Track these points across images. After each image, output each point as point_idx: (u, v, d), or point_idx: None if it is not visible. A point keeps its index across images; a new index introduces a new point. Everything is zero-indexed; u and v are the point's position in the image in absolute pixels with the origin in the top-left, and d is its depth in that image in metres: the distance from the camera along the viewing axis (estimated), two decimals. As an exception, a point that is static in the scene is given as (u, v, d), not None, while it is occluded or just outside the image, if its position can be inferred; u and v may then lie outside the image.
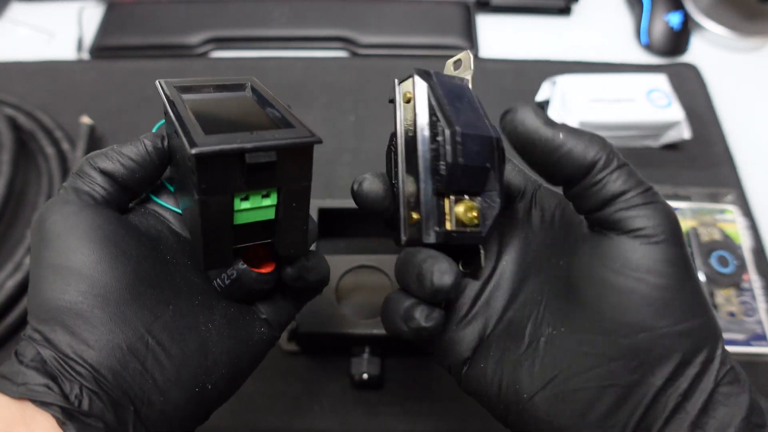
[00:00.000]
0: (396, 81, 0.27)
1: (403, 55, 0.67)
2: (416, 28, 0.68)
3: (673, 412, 0.22)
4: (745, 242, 0.51)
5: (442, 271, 0.23)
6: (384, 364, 0.46)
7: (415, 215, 0.25)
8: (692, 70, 0.65)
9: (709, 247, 0.49)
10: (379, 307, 0.28)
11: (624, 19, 0.72)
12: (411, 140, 0.25)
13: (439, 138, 0.24)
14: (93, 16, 0.70)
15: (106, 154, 0.26)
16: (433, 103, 0.25)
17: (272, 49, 0.68)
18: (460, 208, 0.25)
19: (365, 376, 0.44)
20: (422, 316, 0.24)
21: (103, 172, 0.26)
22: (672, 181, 0.56)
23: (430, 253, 0.24)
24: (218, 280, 0.28)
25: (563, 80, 0.58)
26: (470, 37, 0.68)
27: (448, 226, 0.25)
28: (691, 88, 0.63)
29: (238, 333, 0.27)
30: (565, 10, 0.71)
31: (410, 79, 0.26)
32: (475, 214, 0.25)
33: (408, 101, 0.26)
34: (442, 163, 0.24)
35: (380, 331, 0.43)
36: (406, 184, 0.25)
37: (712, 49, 0.68)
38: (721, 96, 0.63)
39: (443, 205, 0.25)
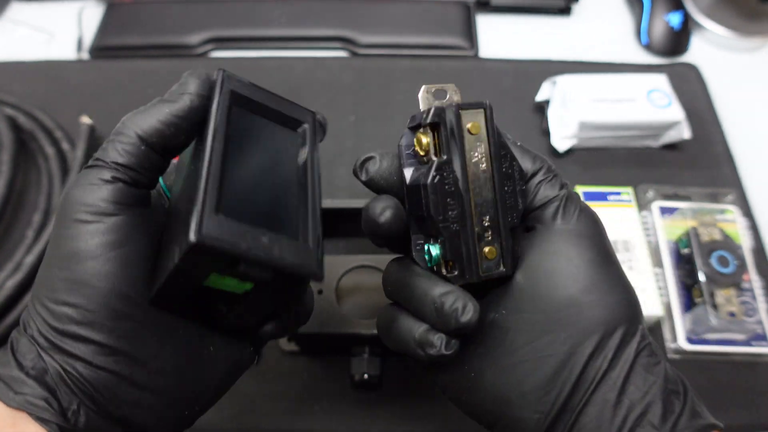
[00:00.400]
0: (446, 106, 0.26)
1: (403, 55, 0.67)
2: (416, 28, 0.68)
3: (600, 379, 0.24)
4: (745, 242, 0.51)
5: (468, 310, 0.24)
6: (384, 364, 0.46)
7: (489, 250, 0.26)
8: (692, 70, 0.65)
9: (710, 247, 0.49)
10: (380, 307, 0.28)
11: (624, 19, 0.72)
12: (483, 175, 0.25)
13: (518, 178, 0.26)
14: (93, 16, 0.70)
15: (148, 112, 0.24)
16: (507, 139, 0.27)
17: (272, 49, 0.68)
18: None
19: (365, 376, 0.44)
20: (443, 345, 0.25)
21: (142, 138, 0.24)
22: (672, 181, 0.56)
23: (449, 289, 0.25)
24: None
25: (563, 80, 0.58)
26: (470, 37, 0.68)
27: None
28: (691, 88, 0.63)
29: (233, 356, 0.27)
30: (565, 10, 0.71)
31: (479, 110, 0.26)
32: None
33: (473, 134, 0.25)
34: (520, 200, 0.26)
35: (380, 331, 0.43)
36: (477, 218, 0.25)
37: (713, 49, 0.68)
38: (721, 96, 0.63)
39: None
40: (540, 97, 0.60)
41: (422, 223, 0.26)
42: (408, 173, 0.27)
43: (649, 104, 0.56)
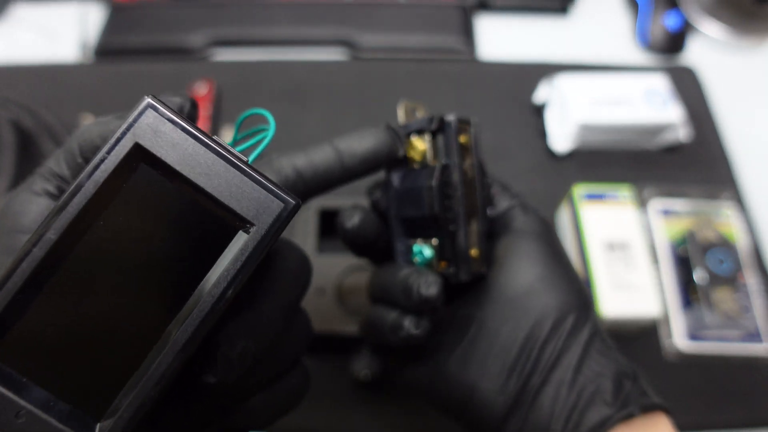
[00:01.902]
0: (452, 118, 0.27)
1: (402, 57, 0.67)
2: (415, 31, 0.69)
3: (555, 360, 0.27)
4: (741, 242, 0.51)
5: (428, 283, 0.26)
6: (384, 364, 0.46)
7: (474, 251, 0.27)
8: (690, 71, 0.65)
9: (706, 246, 0.49)
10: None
11: (622, 19, 0.72)
12: (469, 183, 0.27)
13: (489, 183, 0.29)
14: (96, 18, 0.70)
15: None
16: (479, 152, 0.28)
17: (274, 51, 0.68)
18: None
19: (365, 376, 0.44)
20: (412, 325, 0.27)
21: (81, 150, 0.22)
22: (669, 182, 0.56)
23: (414, 269, 0.27)
24: None
25: (561, 81, 0.58)
26: (469, 40, 0.68)
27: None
28: (689, 89, 0.63)
29: None
30: (561, 9, 0.71)
31: (468, 126, 0.28)
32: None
33: (465, 147, 0.27)
34: (489, 208, 0.29)
35: (380, 330, 0.43)
36: (468, 224, 0.27)
37: (710, 50, 0.69)
38: (718, 97, 0.64)
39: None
40: (538, 98, 0.61)
41: (414, 226, 0.28)
42: (396, 178, 0.28)
43: (647, 105, 0.56)
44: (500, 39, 0.70)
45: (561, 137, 0.57)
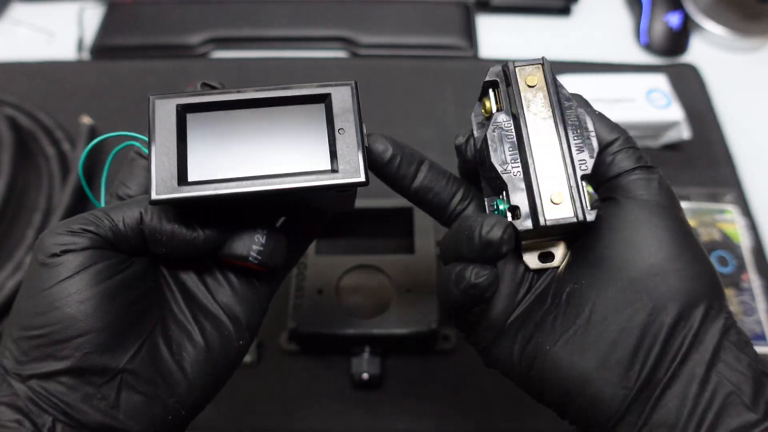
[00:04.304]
0: (511, 65, 0.26)
1: (403, 55, 0.67)
2: (416, 29, 0.68)
3: (686, 353, 0.23)
4: (744, 242, 0.51)
5: (491, 224, 0.23)
6: (384, 364, 0.46)
7: (557, 194, 0.25)
8: (692, 71, 0.65)
9: (709, 247, 0.49)
10: (380, 306, 0.28)
11: (623, 19, 0.72)
12: (544, 123, 0.26)
13: (590, 129, 0.25)
14: (93, 17, 0.70)
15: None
16: (583, 103, 0.26)
17: (272, 49, 0.68)
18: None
19: (365, 376, 0.44)
20: (472, 274, 0.24)
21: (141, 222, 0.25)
22: (672, 181, 0.54)
23: (479, 214, 0.25)
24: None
25: (563, 80, 0.58)
26: (470, 38, 0.68)
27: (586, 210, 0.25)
28: (690, 88, 0.63)
29: (216, 354, 0.27)
30: (564, 10, 0.71)
31: (537, 65, 0.26)
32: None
33: (531, 86, 0.26)
34: (588, 150, 0.25)
35: (380, 331, 0.43)
36: (541, 164, 0.25)
37: (712, 50, 0.68)
38: (720, 96, 0.63)
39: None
40: (540, 97, 0.60)
41: (490, 181, 0.27)
42: (478, 138, 0.28)
43: (648, 104, 0.56)
44: (501, 39, 0.69)
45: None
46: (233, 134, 0.25)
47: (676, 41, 0.67)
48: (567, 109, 0.26)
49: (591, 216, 0.25)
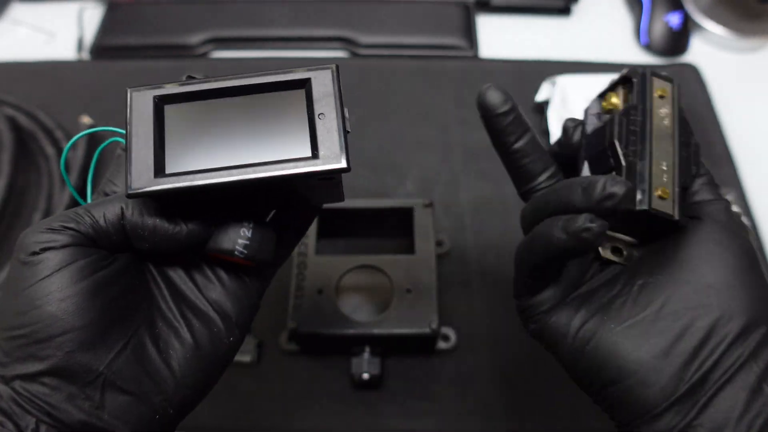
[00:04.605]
0: (649, 72, 0.29)
1: (403, 55, 0.67)
2: (416, 29, 0.68)
3: (742, 365, 0.25)
4: (744, 242, 0.51)
5: (615, 180, 0.25)
6: (384, 364, 0.46)
7: (663, 190, 0.27)
8: (692, 70, 0.65)
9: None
10: (380, 307, 0.28)
11: (624, 19, 0.72)
12: (665, 130, 0.28)
13: (692, 149, 0.29)
14: (93, 17, 0.70)
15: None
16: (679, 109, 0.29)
17: (272, 49, 0.68)
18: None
19: (365, 376, 0.44)
20: (586, 219, 0.24)
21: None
22: (672, 181, 0.56)
23: (598, 176, 0.26)
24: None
25: (563, 80, 0.58)
26: (470, 38, 0.68)
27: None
28: (691, 88, 0.63)
29: (205, 352, 0.27)
30: (564, 10, 0.71)
31: (668, 83, 0.29)
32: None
33: (662, 97, 0.29)
34: (694, 167, 0.29)
35: (380, 331, 0.43)
36: (656, 159, 0.28)
37: (712, 50, 0.68)
38: (721, 96, 0.63)
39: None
40: (540, 97, 0.60)
41: (598, 161, 0.29)
42: (590, 127, 0.30)
43: (648, 104, 0.56)
44: (502, 39, 0.69)
45: (562, 136, 0.57)
46: (213, 124, 0.24)
47: (677, 41, 0.67)
48: (685, 126, 0.29)
49: (684, 221, 0.28)
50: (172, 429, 0.27)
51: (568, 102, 0.56)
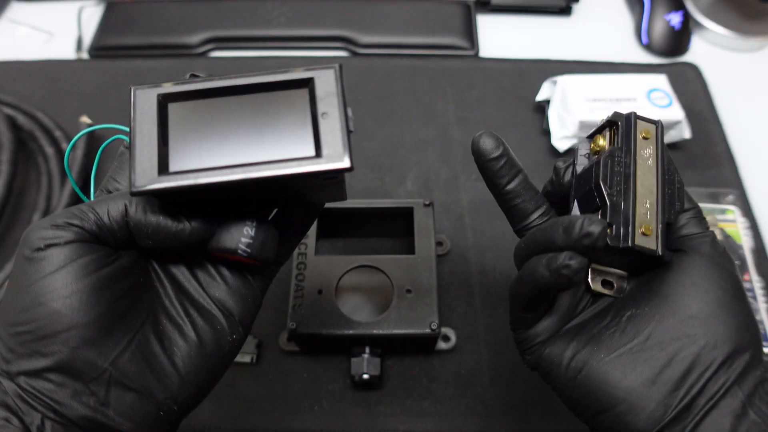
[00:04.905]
0: (633, 116, 0.30)
1: (403, 54, 0.67)
2: (416, 28, 0.68)
3: (727, 390, 0.26)
4: (745, 242, 0.51)
5: (592, 221, 0.25)
6: (384, 364, 0.46)
7: (646, 227, 0.28)
8: (693, 70, 0.65)
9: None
10: (380, 307, 0.28)
11: (624, 18, 0.72)
12: (649, 169, 0.29)
13: (676, 185, 0.30)
14: (92, 16, 0.70)
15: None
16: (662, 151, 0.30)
17: (272, 49, 0.68)
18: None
19: (365, 376, 0.44)
20: (566, 257, 0.26)
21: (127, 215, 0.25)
22: (672, 181, 0.56)
23: (578, 215, 0.27)
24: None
25: (563, 80, 0.58)
26: (470, 37, 0.68)
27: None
28: (691, 88, 0.63)
29: (208, 349, 0.27)
30: (565, 10, 0.71)
31: (652, 124, 0.30)
32: None
33: (646, 138, 0.30)
34: (677, 203, 0.30)
35: (380, 331, 0.43)
36: (640, 199, 0.29)
37: (713, 49, 0.68)
38: (721, 96, 0.63)
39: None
40: (540, 96, 0.60)
41: (586, 201, 0.30)
42: (579, 167, 0.31)
43: (649, 104, 0.56)
44: (502, 38, 0.69)
45: (562, 136, 0.57)
46: (216, 123, 0.24)
47: (677, 41, 0.67)
48: (667, 165, 0.30)
49: (668, 256, 0.29)
50: (175, 426, 0.27)
51: (568, 102, 0.56)
